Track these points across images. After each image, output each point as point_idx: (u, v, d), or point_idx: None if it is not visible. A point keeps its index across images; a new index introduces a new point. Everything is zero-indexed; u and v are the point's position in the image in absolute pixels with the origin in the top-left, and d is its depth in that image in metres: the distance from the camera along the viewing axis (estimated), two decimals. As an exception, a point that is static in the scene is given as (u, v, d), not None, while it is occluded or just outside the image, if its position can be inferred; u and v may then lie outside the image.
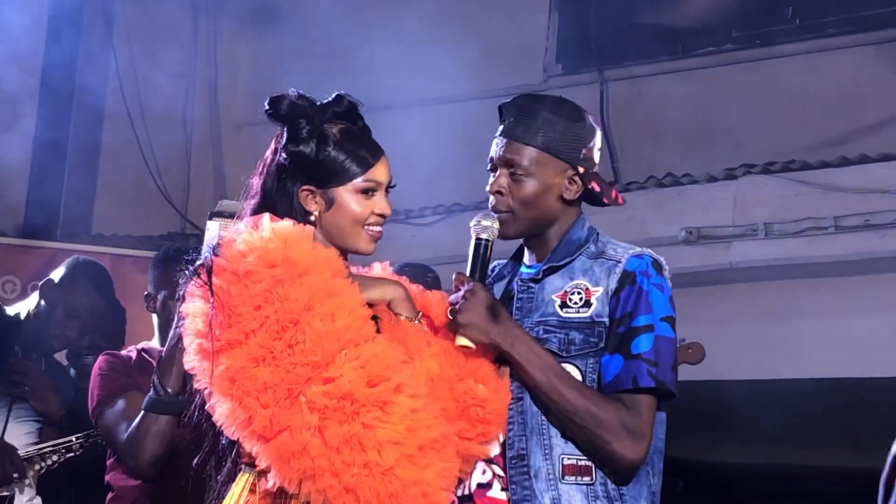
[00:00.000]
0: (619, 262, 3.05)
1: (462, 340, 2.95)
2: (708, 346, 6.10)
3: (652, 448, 3.02)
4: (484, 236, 3.05)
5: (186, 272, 2.86)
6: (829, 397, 7.70)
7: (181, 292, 2.86)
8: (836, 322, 6.96)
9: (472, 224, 3.07)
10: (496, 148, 3.11)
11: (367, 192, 2.95)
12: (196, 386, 2.81)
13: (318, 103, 2.99)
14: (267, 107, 2.99)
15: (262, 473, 2.76)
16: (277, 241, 2.79)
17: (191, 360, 2.80)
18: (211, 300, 2.76)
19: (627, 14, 8.64)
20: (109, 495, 4.23)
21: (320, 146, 2.94)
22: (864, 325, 6.88)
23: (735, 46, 8.24)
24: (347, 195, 2.95)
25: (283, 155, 2.96)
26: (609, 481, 2.99)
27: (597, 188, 3.13)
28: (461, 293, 2.97)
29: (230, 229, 2.88)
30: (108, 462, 4.23)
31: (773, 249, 6.93)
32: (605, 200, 3.15)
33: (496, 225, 3.06)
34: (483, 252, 3.04)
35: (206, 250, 2.88)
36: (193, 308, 2.80)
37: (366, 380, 2.68)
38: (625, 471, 2.99)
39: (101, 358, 4.28)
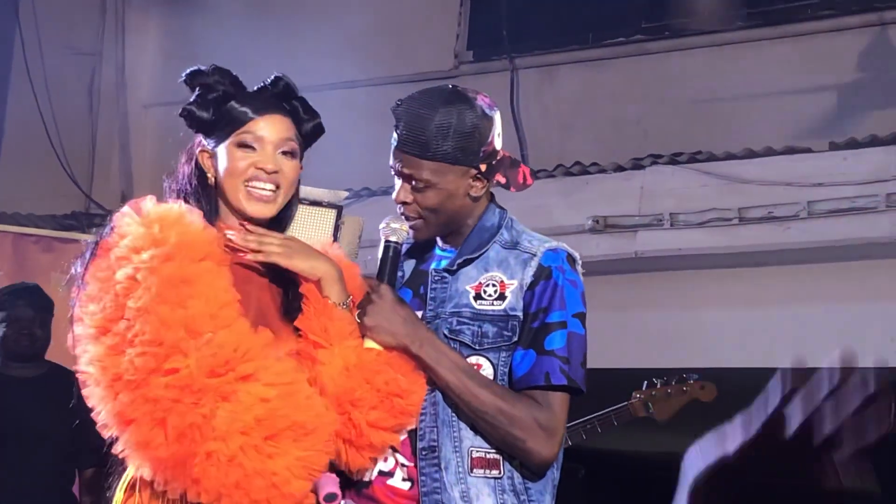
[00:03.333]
0: (534, 255, 3.02)
1: (369, 343, 2.91)
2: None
3: (560, 449, 3.03)
4: (393, 239, 3.01)
5: (84, 253, 2.80)
6: (730, 387, 7.79)
7: (72, 275, 2.81)
8: (738, 312, 7.05)
9: (381, 227, 3.02)
10: (394, 159, 3.04)
11: (245, 145, 2.84)
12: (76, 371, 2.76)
13: (257, 86, 2.91)
14: (186, 77, 2.90)
15: None
16: (149, 225, 2.72)
17: (70, 344, 2.76)
18: (79, 288, 2.72)
19: (539, 2, 8.66)
20: None
21: (218, 104, 2.86)
22: (765, 315, 6.96)
23: (645, 37, 8.30)
24: (229, 149, 2.85)
25: (182, 116, 2.88)
26: (516, 475, 2.98)
27: (502, 180, 3.09)
28: (368, 296, 2.93)
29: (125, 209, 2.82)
30: None
31: (677, 239, 6.99)
32: (513, 189, 3.13)
33: (405, 227, 3.02)
34: (392, 255, 3.00)
35: (101, 231, 2.82)
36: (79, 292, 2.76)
37: (208, 370, 2.62)
38: (539, 468, 2.98)
39: None
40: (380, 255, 3.02)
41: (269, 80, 2.93)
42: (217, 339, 2.64)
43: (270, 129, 2.86)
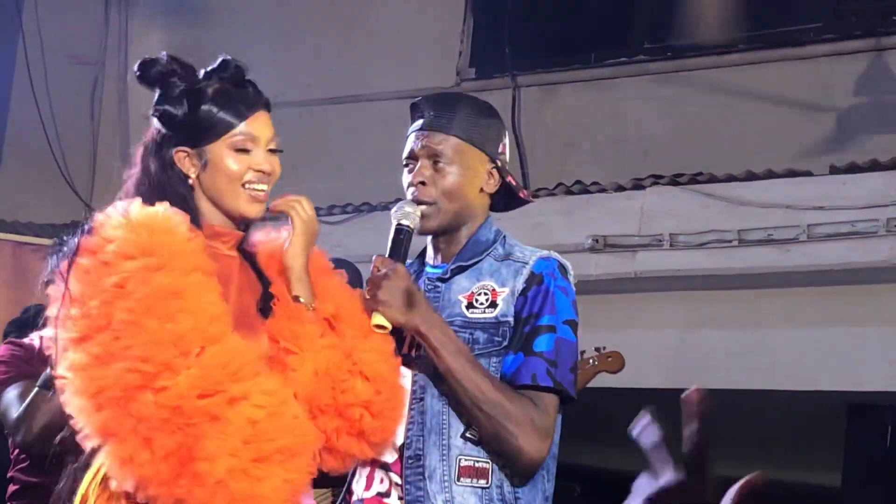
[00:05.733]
0: (526, 263, 3.06)
1: (379, 319, 2.93)
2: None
3: (549, 452, 3.03)
4: (405, 222, 3.03)
5: (59, 252, 2.75)
6: (727, 408, 7.78)
7: (49, 273, 2.75)
8: (737, 334, 7.04)
9: (393, 211, 3.05)
10: (416, 141, 3.10)
11: (241, 148, 2.81)
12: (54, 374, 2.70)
13: (203, 70, 2.88)
14: (137, 71, 2.86)
15: None
16: (139, 231, 2.68)
17: (50, 349, 2.71)
18: (65, 290, 2.66)
19: (541, 21, 8.68)
20: (11, 488, 4.20)
21: (193, 104, 2.80)
22: (764, 337, 6.96)
23: (647, 58, 8.31)
24: (221, 152, 2.81)
25: (155, 117, 2.83)
26: (505, 484, 2.98)
27: (514, 182, 3.15)
28: (382, 272, 2.95)
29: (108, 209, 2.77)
30: (12, 456, 4.20)
31: (677, 260, 6.99)
32: (521, 195, 3.17)
33: (418, 213, 3.04)
34: (404, 238, 3.03)
35: (78, 231, 2.76)
36: (59, 293, 2.69)
37: (198, 391, 2.58)
38: (526, 467, 2.98)
39: (3, 346, 4.25)
40: (391, 237, 3.04)
41: (217, 65, 2.89)
42: (206, 355, 2.60)
43: (261, 128, 2.84)
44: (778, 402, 7.30)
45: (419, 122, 3.11)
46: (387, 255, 3.02)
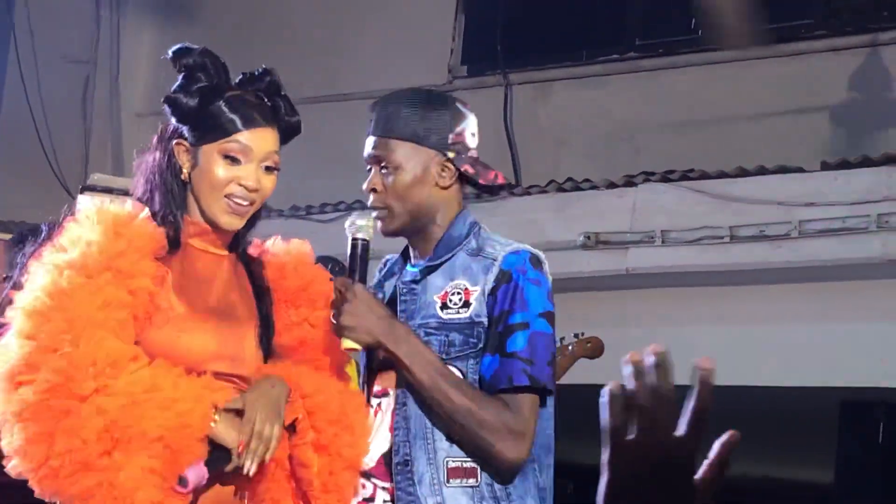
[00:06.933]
0: (495, 260, 3.02)
1: (347, 343, 2.91)
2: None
3: (537, 444, 3.01)
4: (360, 236, 2.99)
5: (25, 250, 2.78)
6: (719, 405, 7.79)
7: (14, 273, 2.77)
8: (728, 330, 7.05)
9: (346, 225, 3.01)
10: (366, 148, 3.09)
11: (232, 157, 2.78)
12: None
13: (242, 74, 2.85)
14: (170, 54, 2.82)
15: None
16: (83, 226, 2.69)
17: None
18: (11, 286, 2.70)
19: (533, 19, 8.69)
20: None
21: (205, 100, 2.77)
22: (755, 333, 6.97)
23: (638, 55, 8.32)
24: (212, 156, 2.78)
25: (164, 102, 2.80)
26: (495, 481, 2.99)
27: (470, 170, 3.08)
28: (342, 296, 2.92)
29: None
30: None
31: (669, 256, 6.99)
32: (482, 181, 3.11)
33: (371, 223, 3.01)
34: (361, 253, 2.98)
35: (43, 228, 2.77)
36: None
37: (55, 388, 2.57)
38: (507, 471, 2.98)
39: None
40: (348, 253, 2.99)
41: (257, 71, 2.88)
42: (76, 354, 2.58)
43: (258, 142, 2.80)
44: (770, 399, 7.31)
45: (370, 127, 3.10)
46: (347, 274, 2.98)
